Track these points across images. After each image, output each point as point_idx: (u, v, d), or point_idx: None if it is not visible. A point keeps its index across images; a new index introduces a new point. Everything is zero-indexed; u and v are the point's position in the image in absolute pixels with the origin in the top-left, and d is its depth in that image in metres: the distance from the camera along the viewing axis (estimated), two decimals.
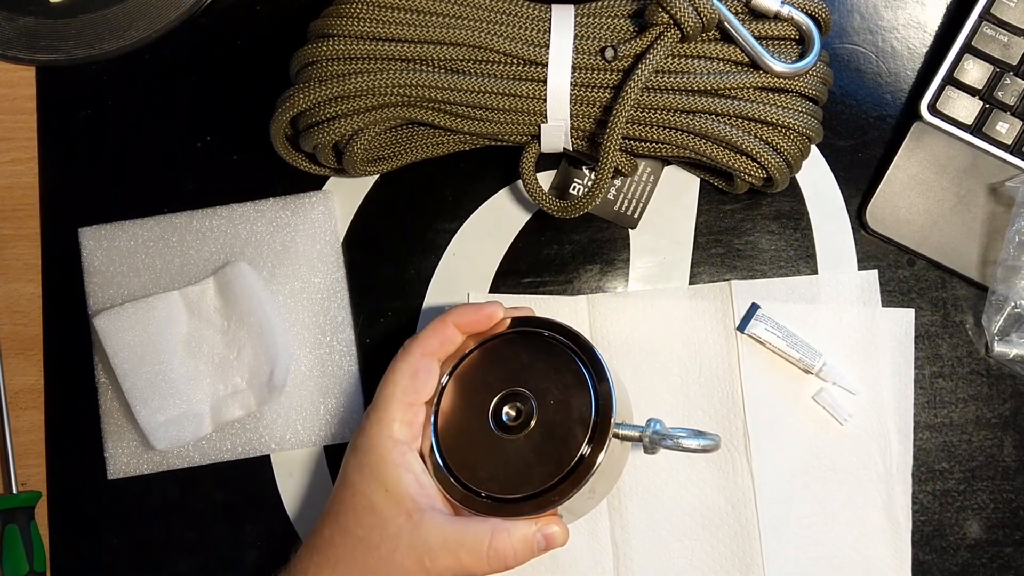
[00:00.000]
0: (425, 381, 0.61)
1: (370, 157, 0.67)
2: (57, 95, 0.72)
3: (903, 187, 0.69)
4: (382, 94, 0.63)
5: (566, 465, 0.58)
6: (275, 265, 0.70)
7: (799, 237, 0.70)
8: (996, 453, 0.68)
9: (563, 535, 0.59)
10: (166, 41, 0.73)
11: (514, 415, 0.60)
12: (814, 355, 0.67)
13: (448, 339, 0.62)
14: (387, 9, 0.63)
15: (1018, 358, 0.68)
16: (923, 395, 0.68)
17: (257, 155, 0.71)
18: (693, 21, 0.62)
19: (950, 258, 0.69)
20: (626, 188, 0.70)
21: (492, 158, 0.70)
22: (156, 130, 0.72)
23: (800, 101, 0.64)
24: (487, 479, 0.60)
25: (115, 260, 0.71)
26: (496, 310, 0.62)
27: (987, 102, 0.68)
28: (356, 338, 0.70)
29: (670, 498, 0.67)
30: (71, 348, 0.70)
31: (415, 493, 0.59)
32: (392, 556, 0.58)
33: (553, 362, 0.61)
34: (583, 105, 0.64)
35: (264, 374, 0.68)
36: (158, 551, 0.69)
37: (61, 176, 0.72)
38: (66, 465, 0.70)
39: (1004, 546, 0.68)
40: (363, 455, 0.60)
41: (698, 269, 0.70)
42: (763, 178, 0.65)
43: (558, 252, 0.71)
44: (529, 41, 0.64)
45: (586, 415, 0.59)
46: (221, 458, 0.69)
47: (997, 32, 0.68)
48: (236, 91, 0.72)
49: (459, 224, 0.71)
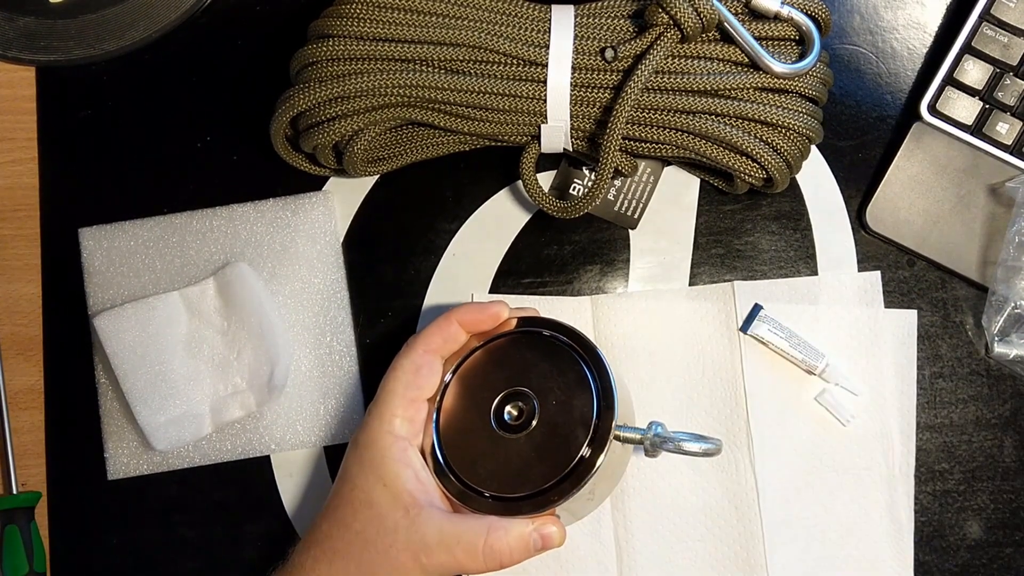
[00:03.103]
0: (428, 378, 0.61)
1: (370, 157, 0.67)
2: (57, 95, 0.72)
3: (903, 187, 0.69)
4: (382, 94, 0.63)
5: (566, 466, 0.58)
6: (275, 265, 0.70)
7: (799, 237, 0.70)
8: (996, 453, 0.68)
9: (560, 535, 0.59)
10: (166, 41, 0.73)
11: (516, 414, 0.60)
12: (817, 356, 0.67)
13: (452, 337, 0.62)
14: (387, 9, 0.63)
15: (1018, 358, 0.68)
16: (923, 396, 0.68)
17: (257, 155, 0.71)
18: (693, 21, 0.62)
19: (950, 258, 0.69)
20: (626, 188, 0.70)
21: (492, 158, 0.70)
22: (156, 130, 0.72)
23: (800, 102, 0.64)
24: (487, 477, 0.60)
25: (115, 260, 0.71)
26: (501, 310, 0.62)
27: (987, 102, 0.68)
28: (356, 338, 0.70)
29: (673, 498, 0.67)
30: (71, 348, 0.70)
31: (414, 489, 0.59)
32: (388, 551, 0.58)
33: (556, 363, 0.61)
34: (583, 105, 0.64)
35: (264, 374, 0.68)
36: (158, 551, 0.69)
37: (61, 176, 0.72)
38: (66, 465, 0.70)
39: (1004, 546, 0.68)
40: (363, 450, 0.60)
41: (698, 269, 0.70)
42: (763, 178, 0.65)
43: (558, 252, 0.71)
44: (529, 41, 0.64)
45: (588, 417, 0.59)
46: (221, 458, 0.69)
47: (997, 32, 0.68)
48: (236, 91, 0.72)
49: (459, 224, 0.71)
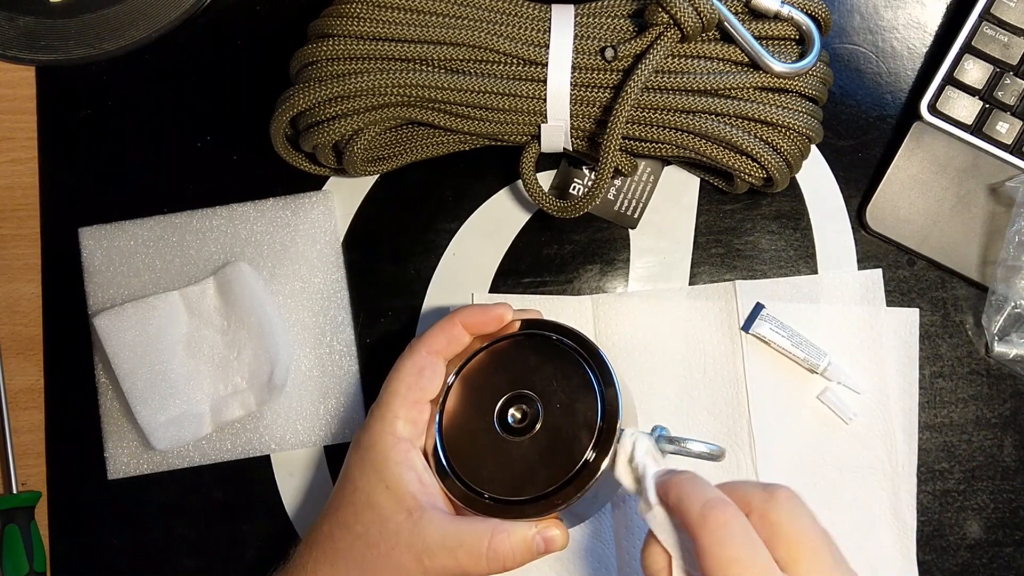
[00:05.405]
0: (431, 379, 0.61)
1: (370, 157, 0.67)
2: (57, 95, 0.72)
3: (903, 187, 0.69)
4: (382, 94, 0.63)
5: (570, 469, 0.58)
6: (275, 265, 0.70)
7: (799, 237, 0.70)
8: (996, 453, 0.68)
9: (563, 539, 0.59)
10: (166, 41, 0.73)
11: (520, 417, 0.60)
12: (819, 354, 0.67)
13: (455, 338, 0.62)
14: (387, 9, 0.63)
15: (1018, 358, 0.68)
16: (923, 395, 0.68)
17: (257, 155, 0.71)
18: (693, 21, 0.62)
19: (950, 258, 0.69)
20: (626, 188, 0.70)
21: (492, 158, 0.70)
22: (156, 130, 0.72)
23: (800, 101, 0.64)
24: (490, 480, 0.59)
25: (115, 260, 0.71)
26: (505, 312, 0.62)
27: (987, 102, 0.68)
28: (356, 338, 0.70)
29: None
30: (71, 348, 0.70)
31: (416, 491, 0.59)
32: (390, 553, 0.58)
33: (560, 366, 0.60)
34: (583, 105, 0.64)
35: (264, 374, 0.68)
36: (158, 551, 0.69)
37: (61, 176, 0.72)
38: (66, 465, 0.70)
39: (1004, 546, 0.68)
40: (365, 451, 0.60)
41: (698, 269, 0.70)
42: (763, 178, 0.65)
43: (558, 252, 0.71)
44: (529, 41, 0.64)
45: (592, 420, 0.59)
46: (221, 458, 0.69)
47: (997, 32, 0.68)
48: (236, 91, 0.72)
49: (459, 224, 0.71)
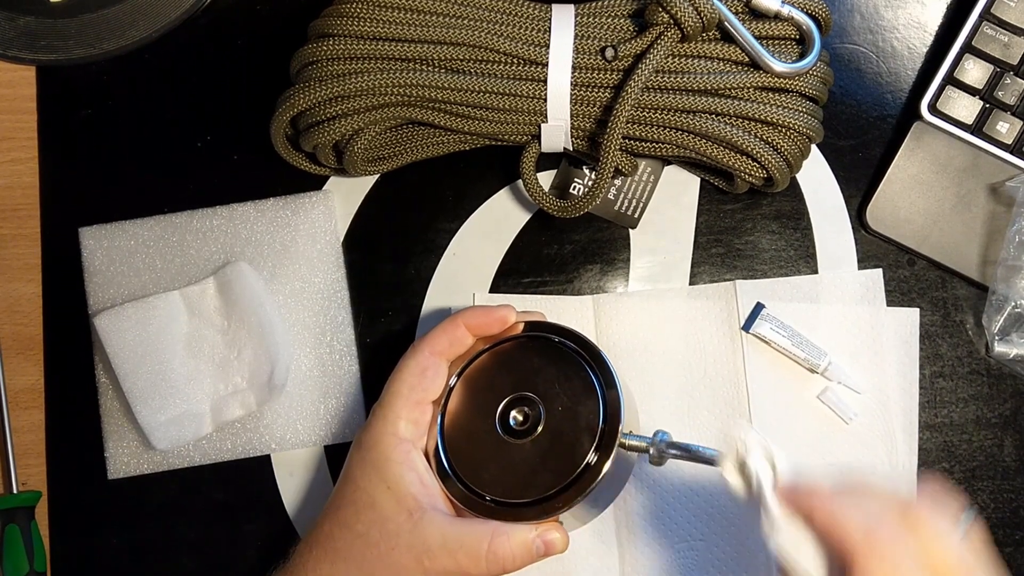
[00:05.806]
0: (433, 380, 0.61)
1: (370, 157, 0.67)
2: (57, 95, 0.72)
3: (903, 187, 0.69)
4: (382, 94, 0.63)
5: (571, 472, 0.58)
6: (275, 265, 0.70)
7: (799, 237, 0.70)
8: (996, 453, 0.68)
9: (563, 542, 0.59)
10: (166, 41, 0.73)
11: (521, 420, 0.60)
12: (819, 354, 0.67)
13: (458, 340, 0.62)
14: (387, 9, 0.63)
15: (1018, 358, 0.68)
16: (923, 395, 0.68)
17: (257, 155, 0.71)
18: (693, 21, 0.62)
19: (950, 258, 0.69)
20: (626, 188, 0.70)
21: (492, 158, 0.70)
22: (156, 130, 0.72)
23: (800, 101, 0.64)
24: (491, 482, 0.59)
25: (115, 260, 0.70)
26: (508, 313, 0.62)
27: (987, 102, 0.68)
28: (356, 338, 0.70)
29: (675, 499, 0.67)
30: (71, 348, 0.70)
31: (417, 492, 0.59)
32: (390, 554, 0.58)
33: (563, 368, 0.60)
34: (583, 105, 0.64)
35: (264, 374, 0.68)
36: (158, 551, 0.69)
37: (61, 176, 0.72)
38: (66, 465, 0.70)
39: (1004, 546, 0.68)
40: (366, 451, 0.60)
41: (698, 269, 0.70)
42: (763, 178, 0.65)
43: (558, 252, 0.71)
44: (529, 41, 0.64)
45: (594, 423, 0.59)
46: (221, 458, 0.69)
47: (997, 32, 0.68)
48: (236, 91, 0.72)
49: (459, 224, 0.71)
